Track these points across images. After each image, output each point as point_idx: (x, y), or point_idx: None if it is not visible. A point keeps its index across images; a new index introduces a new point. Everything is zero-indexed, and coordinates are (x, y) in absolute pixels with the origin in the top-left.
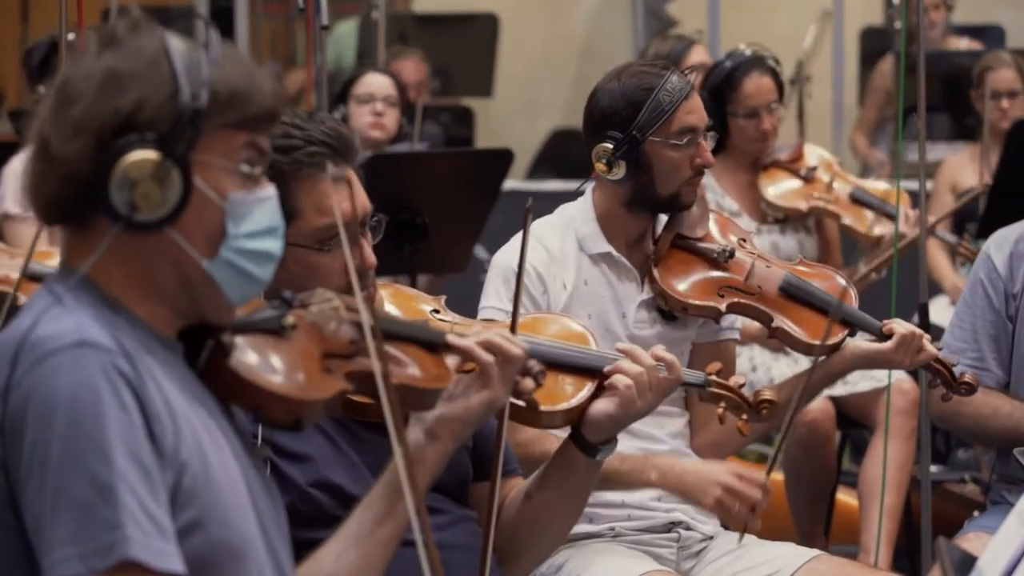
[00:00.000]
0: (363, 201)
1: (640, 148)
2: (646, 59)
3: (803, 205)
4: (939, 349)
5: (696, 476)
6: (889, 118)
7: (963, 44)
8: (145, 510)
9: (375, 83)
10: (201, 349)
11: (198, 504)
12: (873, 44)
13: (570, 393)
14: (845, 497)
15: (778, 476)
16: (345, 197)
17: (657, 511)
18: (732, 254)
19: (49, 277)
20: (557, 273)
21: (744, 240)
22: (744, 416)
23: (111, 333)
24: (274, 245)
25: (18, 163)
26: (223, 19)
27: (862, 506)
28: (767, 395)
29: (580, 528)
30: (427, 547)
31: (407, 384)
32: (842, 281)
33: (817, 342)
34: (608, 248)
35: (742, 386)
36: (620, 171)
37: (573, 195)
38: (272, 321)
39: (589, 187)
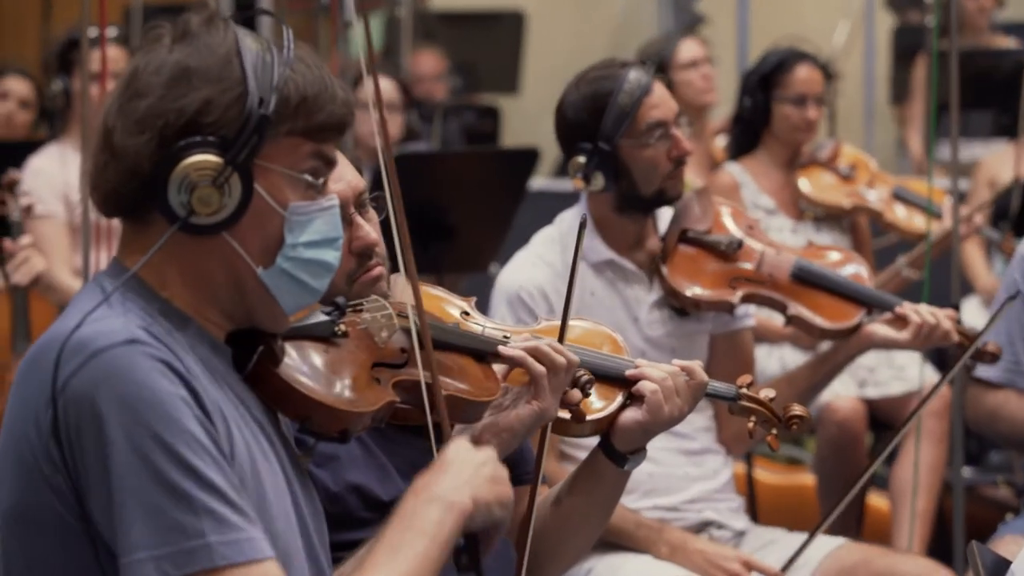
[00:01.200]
0: (354, 180)
1: (612, 155)
2: (603, 60)
3: (845, 202)
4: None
5: (704, 559)
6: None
7: (1011, 43)
8: (223, 499)
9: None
10: (248, 354)
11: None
12: (905, 42)
13: (599, 403)
14: (877, 500)
15: (809, 479)
16: (337, 178)
17: (688, 512)
18: (740, 244)
19: (100, 272)
20: (562, 288)
21: (752, 227)
22: (774, 431)
23: (158, 335)
24: (332, 255)
25: (38, 161)
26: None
27: (894, 509)
28: (797, 411)
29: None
30: None
31: (456, 396)
32: (855, 264)
33: (835, 326)
34: (610, 254)
35: (772, 399)
36: (598, 181)
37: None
38: (324, 328)
39: (583, 193)
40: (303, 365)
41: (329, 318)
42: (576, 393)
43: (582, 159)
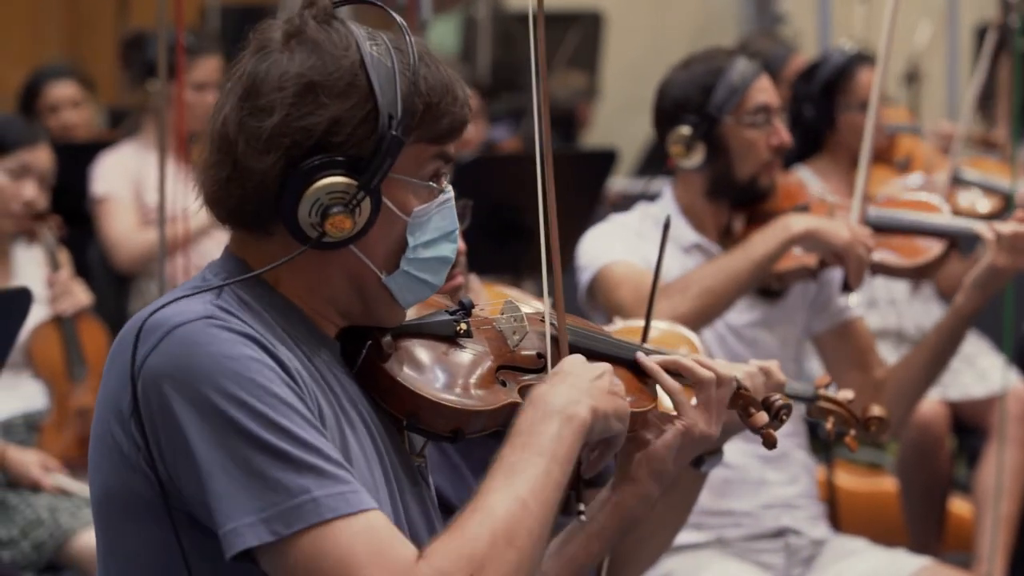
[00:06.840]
0: None
1: (717, 129)
2: (707, 50)
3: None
4: None
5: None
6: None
7: None
8: (322, 455)
9: None
10: (359, 349)
11: None
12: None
13: None
14: (961, 505)
15: (891, 484)
16: None
17: (763, 517)
18: (807, 209)
19: (212, 262)
20: (640, 249)
21: (816, 195)
22: (852, 432)
23: (239, 315)
24: (449, 249)
25: (113, 156)
26: None
27: (977, 514)
28: (876, 412)
29: (687, 537)
30: None
31: None
32: (927, 198)
33: (917, 262)
34: (698, 238)
35: (851, 401)
36: (698, 155)
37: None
38: (445, 326)
39: (667, 190)
40: (415, 361)
41: (452, 318)
42: (762, 416)
43: (686, 130)
